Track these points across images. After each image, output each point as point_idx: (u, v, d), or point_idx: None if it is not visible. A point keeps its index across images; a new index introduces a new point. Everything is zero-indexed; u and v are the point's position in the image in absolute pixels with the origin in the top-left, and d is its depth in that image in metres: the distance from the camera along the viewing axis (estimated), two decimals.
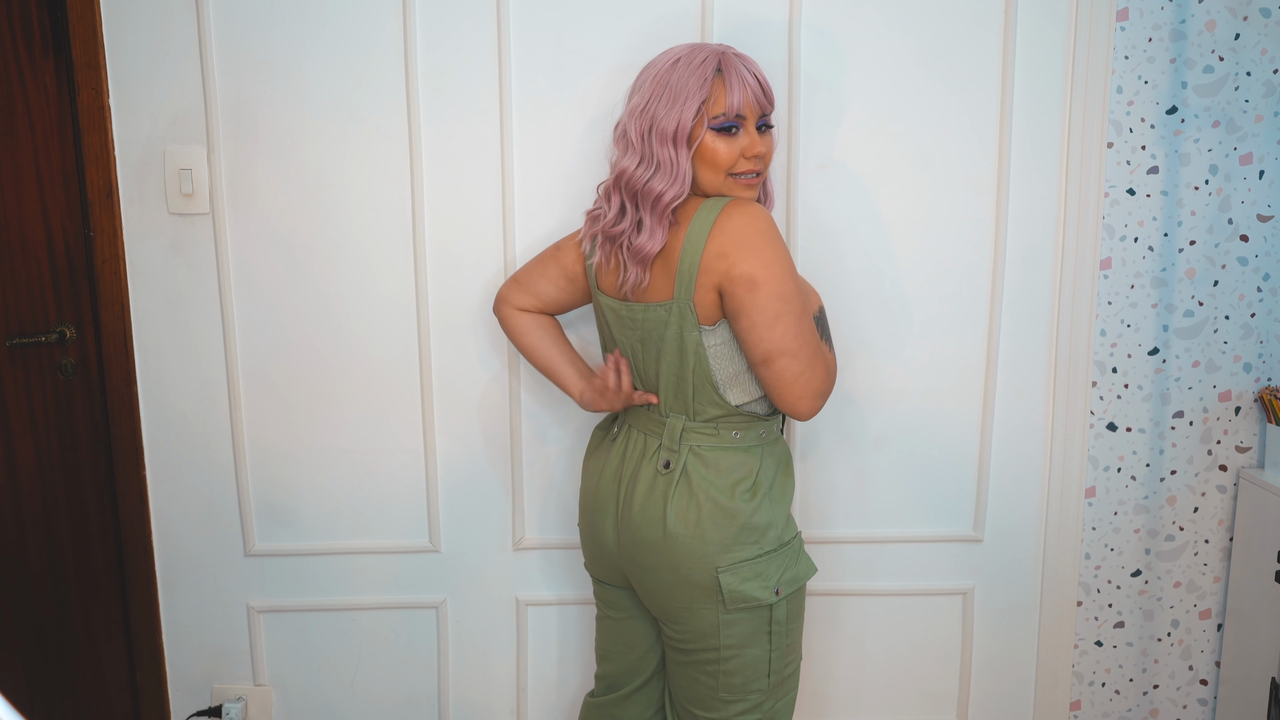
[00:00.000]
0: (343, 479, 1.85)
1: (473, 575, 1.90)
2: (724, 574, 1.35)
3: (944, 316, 1.80)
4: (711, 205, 1.33)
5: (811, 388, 1.33)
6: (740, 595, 1.36)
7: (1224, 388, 1.87)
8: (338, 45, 1.71)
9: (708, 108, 1.32)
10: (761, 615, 1.38)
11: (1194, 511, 1.92)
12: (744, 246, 1.29)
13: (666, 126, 1.31)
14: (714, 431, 1.39)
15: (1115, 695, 1.99)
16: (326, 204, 1.75)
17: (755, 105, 1.34)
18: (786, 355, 1.30)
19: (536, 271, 1.56)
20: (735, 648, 1.39)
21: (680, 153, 1.32)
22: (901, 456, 1.84)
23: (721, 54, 1.34)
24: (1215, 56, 1.76)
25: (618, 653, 1.57)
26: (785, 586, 1.39)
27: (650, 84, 1.34)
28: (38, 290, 1.82)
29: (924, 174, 1.75)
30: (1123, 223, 1.81)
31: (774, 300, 1.29)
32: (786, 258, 1.31)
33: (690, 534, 1.36)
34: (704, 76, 1.31)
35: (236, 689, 1.93)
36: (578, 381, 1.55)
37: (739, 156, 1.34)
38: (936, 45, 1.71)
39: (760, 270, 1.28)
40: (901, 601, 1.91)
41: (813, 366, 1.32)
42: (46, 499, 1.88)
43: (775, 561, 1.39)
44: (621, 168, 1.36)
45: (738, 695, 1.41)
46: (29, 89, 1.75)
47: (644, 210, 1.35)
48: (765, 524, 1.38)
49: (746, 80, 1.33)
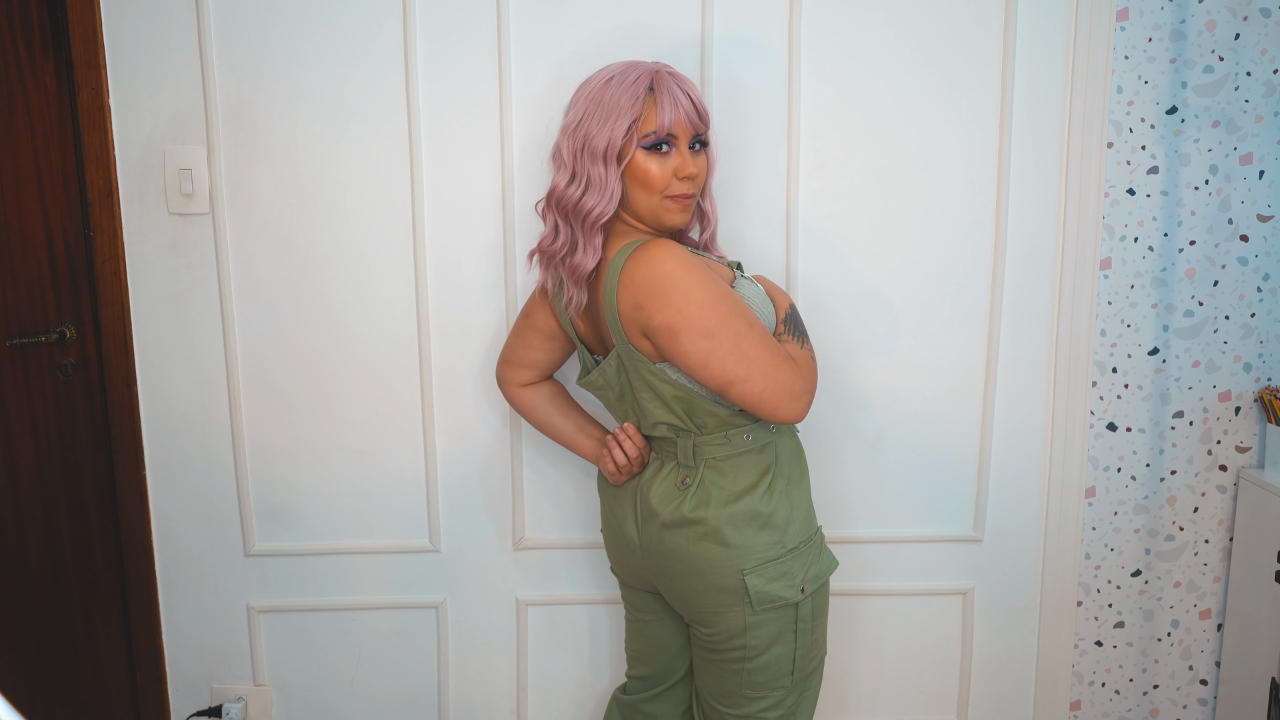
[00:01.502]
0: (343, 479, 1.85)
1: (473, 575, 1.90)
2: (750, 575, 1.35)
3: (944, 316, 1.80)
4: (623, 253, 1.32)
5: (780, 396, 1.29)
6: (767, 596, 1.36)
7: (1224, 388, 1.87)
8: (337, 45, 1.71)
9: (639, 126, 1.32)
10: (788, 613, 1.38)
11: (1194, 511, 1.92)
12: (654, 296, 1.26)
13: (597, 144, 1.31)
14: (725, 440, 1.38)
15: (1115, 695, 1.99)
16: (326, 204, 1.75)
17: (687, 124, 1.34)
18: (735, 383, 1.28)
19: (519, 345, 1.58)
20: (761, 647, 1.39)
21: (610, 170, 1.32)
22: (901, 456, 1.84)
23: (655, 72, 1.34)
24: (1215, 56, 1.76)
25: (650, 654, 1.58)
26: (810, 583, 1.39)
27: (584, 101, 1.34)
28: (38, 290, 1.82)
29: (924, 174, 1.75)
30: (1123, 223, 1.81)
31: (698, 341, 1.26)
32: (701, 288, 1.26)
33: (708, 528, 1.36)
34: (636, 94, 1.31)
35: (236, 689, 1.93)
36: (594, 449, 1.57)
37: (671, 177, 1.34)
38: (936, 45, 1.71)
39: (674, 317, 1.25)
40: (901, 601, 1.91)
41: (771, 379, 1.29)
42: (46, 499, 1.88)
43: (799, 559, 1.38)
44: (554, 185, 1.37)
45: (762, 692, 1.41)
46: (29, 89, 1.75)
47: (576, 228, 1.35)
48: (785, 521, 1.38)
49: (679, 99, 1.33)
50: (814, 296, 1.78)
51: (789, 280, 1.77)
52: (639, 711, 1.60)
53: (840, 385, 1.81)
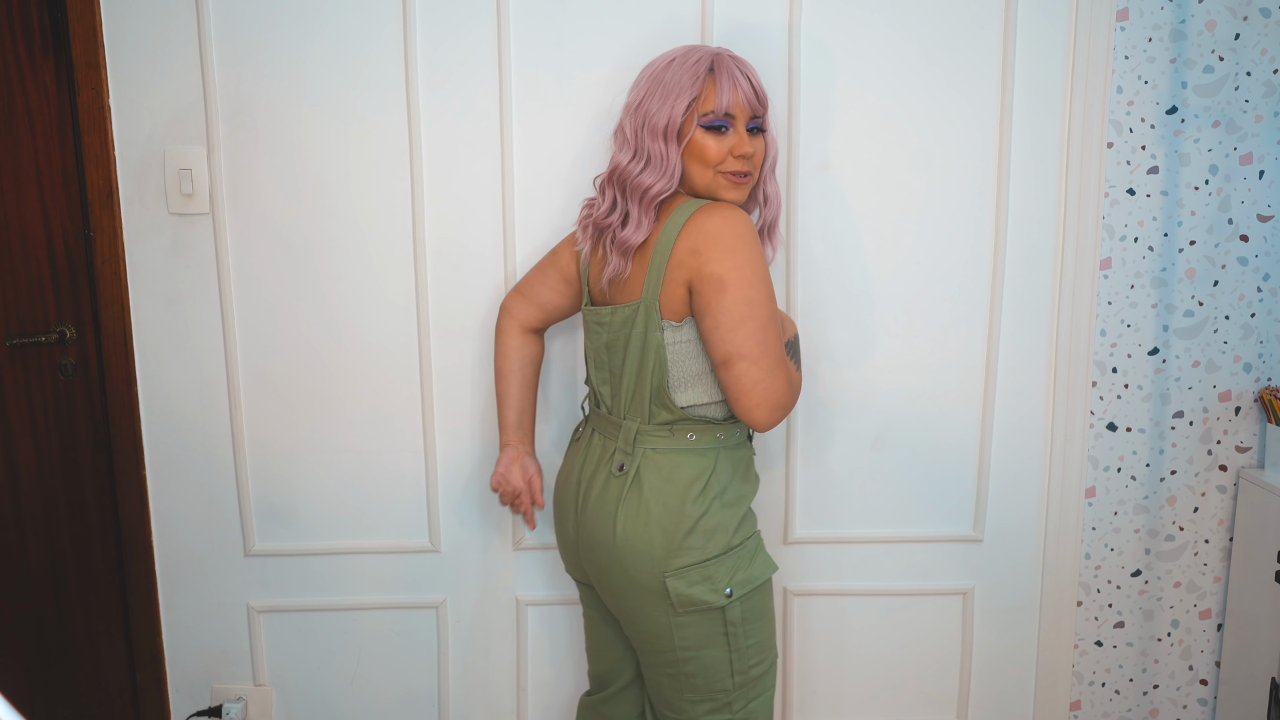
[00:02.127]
0: (343, 479, 1.85)
1: (473, 575, 1.90)
2: (670, 578, 1.35)
3: (944, 316, 1.80)
4: (691, 203, 1.34)
5: (770, 398, 1.31)
6: (688, 599, 1.35)
7: (1224, 388, 1.87)
8: (338, 45, 1.71)
9: (698, 105, 1.34)
10: (713, 617, 1.37)
11: (1194, 511, 1.92)
12: (718, 246, 1.29)
13: (658, 121, 1.34)
14: (668, 434, 1.39)
15: (1115, 695, 1.99)
16: (326, 204, 1.75)
17: (746, 106, 1.36)
18: (746, 360, 1.30)
19: (537, 280, 1.60)
20: (692, 649, 1.38)
21: (670, 147, 1.35)
22: (901, 456, 1.84)
23: (716, 55, 1.36)
24: (1215, 56, 1.76)
25: (600, 652, 1.59)
26: (738, 588, 1.37)
27: (646, 81, 1.38)
28: (38, 290, 1.82)
29: (924, 174, 1.75)
30: (1123, 223, 1.81)
31: (740, 303, 1.29)
32: (760, 264, 1.31)
33: (638, 537, 1.36)
34: (697, 75, 1.34)
35: (236, 689, 1.93)
36: (510, 434, 1.61)
37: (727, 154, 1.36)
38: (936, 45, 1.71)
39: (731, 272, 1.28)
40: (901, 601, 1.91)
41: (772, 375, 1.31)
42: (46, 499, 1.88)
43: (724, 564, 1.37)
44: (616, 162, 1.40)
45: (702, 696, 1.41)
46: (29, 89, 1.75)
47: (632, 203, 1.37)
48: (713, 528, 1.37)
49: (738, 81, 1.35)
50: (814, 296, 1.78)
51: (789, 280, 1.77)
52: (598, 714, 1.61)
53: (840, 385, 1.81)
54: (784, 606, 1.91)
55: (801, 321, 1.79)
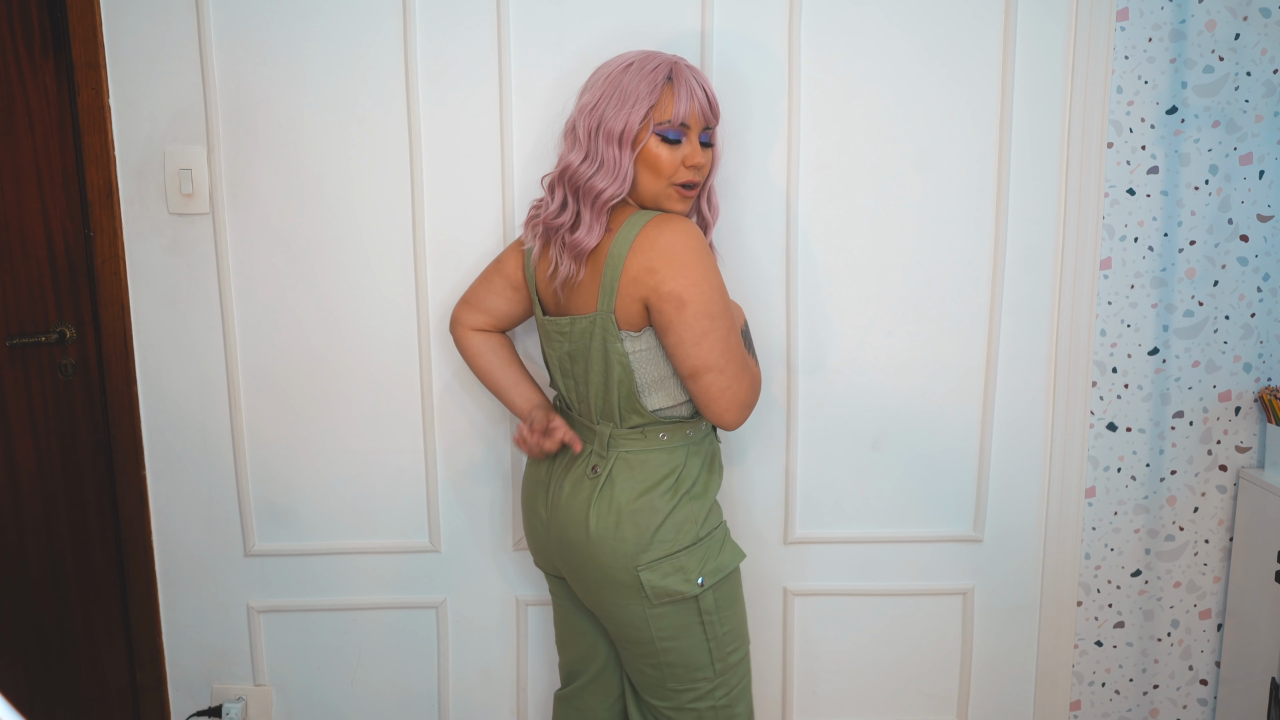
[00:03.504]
0: (343, 479, 1.85)
1: (473, 575, 1.90)
2: (644, 571, 1.38)
3: (944, 317, 1.80)
4: (640, 217, 1.35)
5: (738, 400, 1.36)
6: (662, 590, 1.39)
7: (1224, 388, 1.87)
8: (337, 45, 1.71)
9: (655, 113, 1.35)
10: (688, 607, 1.41)
11: (1194, 511, 1.92)
12: (673, 263, 1.30)
13: (614, 126, 1.34)
14: (641, 436, 1.42)
15: (1115, 695, 1.99)
16: (326, 204, 1.75)
17: (700, 117, 1.38)
18: (713, 371, 1.33)
19: (483, 288, 1.59)
20: (670, 639, 1.42)
21: (624, 153, 1.35)
22: (901, 456, 1.84)
23: (674, 64, 1.37)
24: (1215, 56, 1.76)
25: (569, 642, 1.62)
26: (709, 577, 1.41)
27: (602, 84, 1.37)
28: (38, 290, 1.82)
29: (924, 174, 1.75)
30: (1123, 223, 1.81)
31: (701, 318, 1.31)
32: (715, 276, 1.33)
33: (610, 535, 1.38)
34: (655, 83, 1.35)
35: (236, 689, 1.93)
36: (525, 406, 1.58)
37: (680, 165, 1.37)
38: (936, 45, 1.71)
39: (689, 289, 1.30)
40: (901, 601, 1.91)
41: (739, 380, 1.36)
42: (46, 499, 1.88)
43: (695, 554, 1.41)
44: (567, 162, 1.39)
45: (686, 684, 1.44)
46: (29, 89, 1.75)
47: (584, 205, 1.37)
48: (682, 520, 1.40)
49: (695, 92, 1.36)
50: (814, 296, 1.78)
51: (789, 280, 1.77)
52: (572, 707, 1.63)
53: (840, 385, 1.81)
54: (784, 606, 1.91)
55: (801, 321, 1.79)
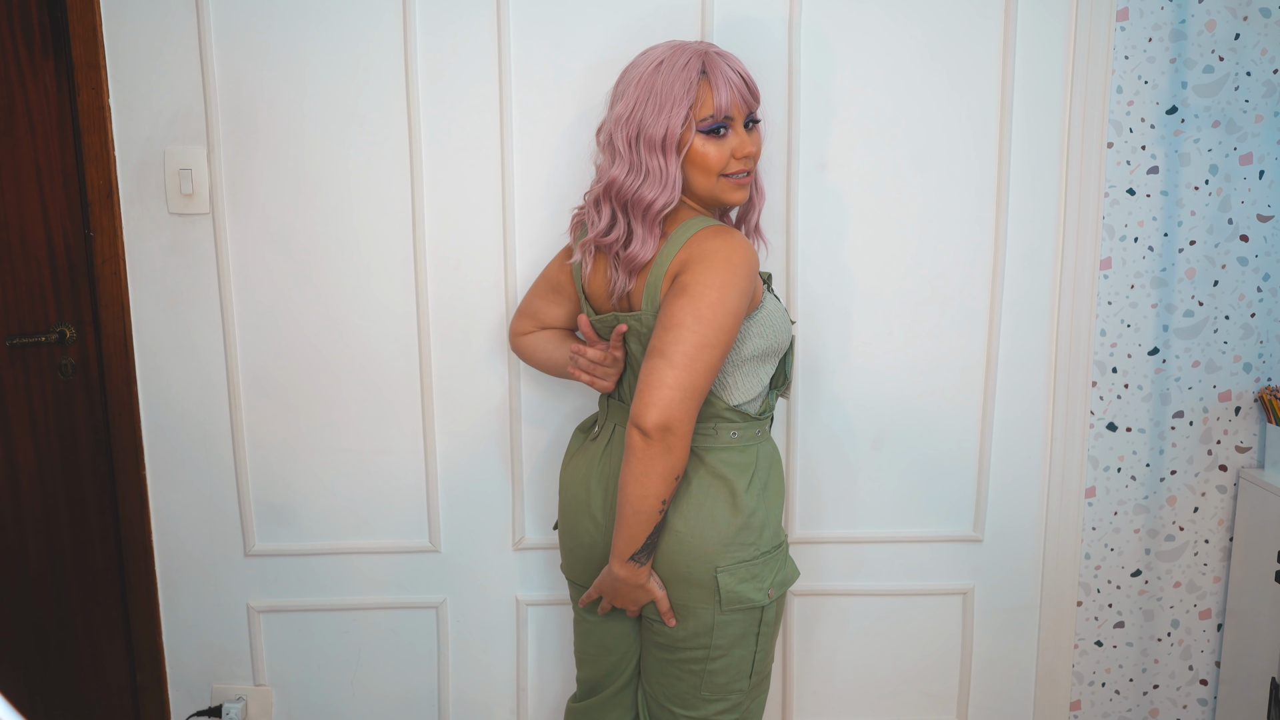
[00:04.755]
0: (343, 479, 1.85)
1: (473, 575, 1.90)
2: (722, 574, 1.34)
3: (944, 316, 1.80)
4: (695, 221, 1.32)
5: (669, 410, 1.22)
6: (737, 596, 1.35)
7: (1224, 388, 1.87)
8: (338, 45, 1.71)
9: (695, 111, 1.30)
10: (753, 616, 1.38)
11: (1194, 511, 1.92)
12: (704, 261, 1.25)
13: (655, 134, 1.29)
14: (713, 432, 1.37)
15: (1115, 695, 1.99)
16: (326, 204, 1.75)
17: (742, 104, 1.33)
18: (665, 360, 1.23)
19: (538, 301, 1.60)
20: (725, 648, 1.38)
21: (670, 160, 1.30)
22: (901, 456, 1.84)
23: (704, 54, 1.31)
24: (1215, 56, 1.76)
25: (596, 656, 1.54)
26: (776, 589, 1.39)
27: (635, 89, 1.31)
28: (38, 290, 1.82)
29: (924, 174, 1.75)
30: (1123, 223, 1.81)
31: (688, 312, 1.23)
32: (733, 292, 1.24)
33: (691, 531, 1.34)
34: (689, 80, 1.29)
35: (236, 689, 1.93)
36: None
37: (729, 158, 1.33)
38: (936, 45, 1.71)
39: (699, 284, 1.24)
40: (901, 602, 1.91)
41: (683, 394, 1.22)
42: (46, 499, 1.88)
43: (770, 564, 1.38)
44: (610, 177, 1.33)
45: (719, 695, 1.40)
46: (29, 89, 1.75)
47: (634, 219, 1.32)
48: (762, 524, 1.37)
49: (732, 80, 1.31)
50: (814, 296, 1.78)
51: (789, 280, 1.77)
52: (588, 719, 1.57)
53: (840, 385, 1.81)
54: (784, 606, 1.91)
55: (801, 322, 1.79)
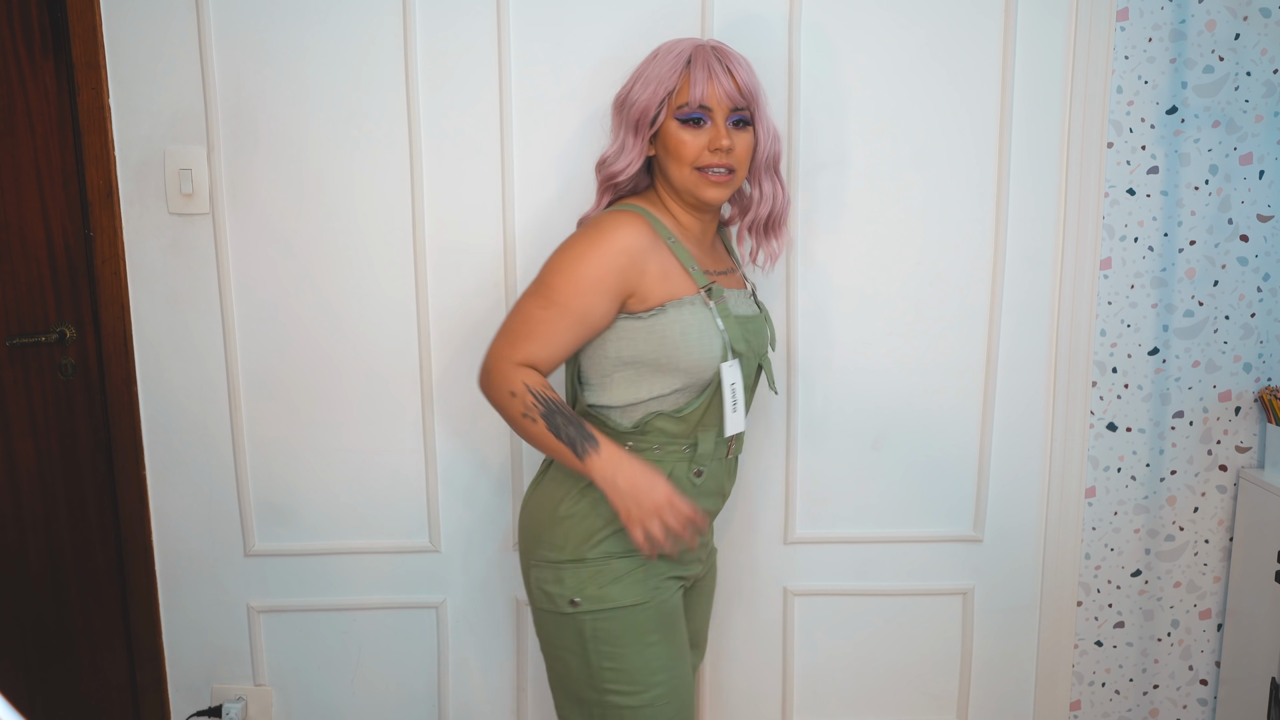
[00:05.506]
0: (343, 479, 1.85)
1: (473, 575, 1.90)
2: (534, 568, 1.39)
3: (944, 316, 1.80)
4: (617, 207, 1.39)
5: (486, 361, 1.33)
6: (543, 594, 1.38)
7: (1224, 388, 1.87)
8: (338, 45, 1.71)
9: (674, 97, 1.34)
10: (565, 622, 1.34)
11: (1194, 511, 1.92)
12: (575, 233, 1.36)
13: (634, 111, 1.36)
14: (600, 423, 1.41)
15: (1115, 695, 1.99)
16: (326, 204, 1.75)
17: (725, 99, 1.33)
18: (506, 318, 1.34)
19: None
20: (550, 646, 1.39)
21: (639, 135, 1.37)
22: (901, 456, 1.84)
23: (696, 47, 1.35)
24: (1215, 56, 1.76)
25: None
26: (588, 603, 1.32)
27: (633, 74, 1.40)
28: (38, 290, 1.82)
29: (924, 174, 1.75)
30: (1123, 223, 1.81)
31: (535, 281, 1.32)
32: (579, 266, 1.29)
33: (527, 509, 1.44)
34: (675, 67, 1.34)
35: (236, 689, 1.93)
36: None
37: (703, 149, 1.33)
38: (937, 45, 1.71)
39: (553, 257, 1.32)
40: (901, 601, 1.91)
41: (501, 333, 1.32)
42: (46, 499, 1.88)
43: (576, 574, 1.33)
44: (602, 155, 1.43)
45: (569, 699, 1.39)
46: (29, 89, 1.75)
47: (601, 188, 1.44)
48: (576, 533, 1.34)
49: (715, 73, 1.32)
50: (814, 296, 1.78)
51: (789, 280, 1.77)
52: None
53: (840, 385, 1.81)
54: (784, 606, 1.91)
55: (802, 322, 1.79)
